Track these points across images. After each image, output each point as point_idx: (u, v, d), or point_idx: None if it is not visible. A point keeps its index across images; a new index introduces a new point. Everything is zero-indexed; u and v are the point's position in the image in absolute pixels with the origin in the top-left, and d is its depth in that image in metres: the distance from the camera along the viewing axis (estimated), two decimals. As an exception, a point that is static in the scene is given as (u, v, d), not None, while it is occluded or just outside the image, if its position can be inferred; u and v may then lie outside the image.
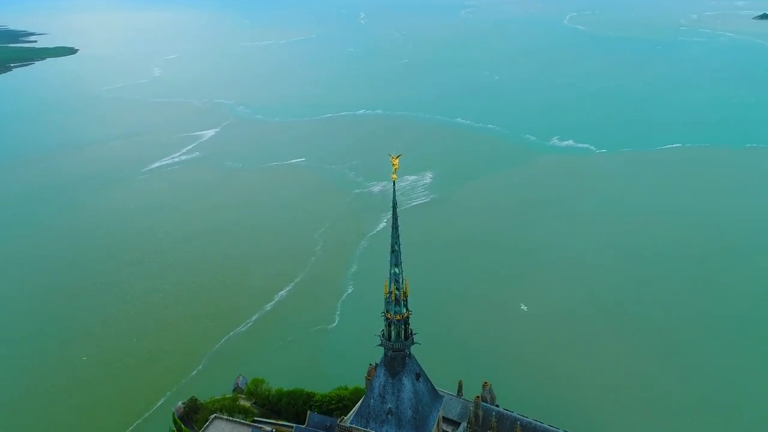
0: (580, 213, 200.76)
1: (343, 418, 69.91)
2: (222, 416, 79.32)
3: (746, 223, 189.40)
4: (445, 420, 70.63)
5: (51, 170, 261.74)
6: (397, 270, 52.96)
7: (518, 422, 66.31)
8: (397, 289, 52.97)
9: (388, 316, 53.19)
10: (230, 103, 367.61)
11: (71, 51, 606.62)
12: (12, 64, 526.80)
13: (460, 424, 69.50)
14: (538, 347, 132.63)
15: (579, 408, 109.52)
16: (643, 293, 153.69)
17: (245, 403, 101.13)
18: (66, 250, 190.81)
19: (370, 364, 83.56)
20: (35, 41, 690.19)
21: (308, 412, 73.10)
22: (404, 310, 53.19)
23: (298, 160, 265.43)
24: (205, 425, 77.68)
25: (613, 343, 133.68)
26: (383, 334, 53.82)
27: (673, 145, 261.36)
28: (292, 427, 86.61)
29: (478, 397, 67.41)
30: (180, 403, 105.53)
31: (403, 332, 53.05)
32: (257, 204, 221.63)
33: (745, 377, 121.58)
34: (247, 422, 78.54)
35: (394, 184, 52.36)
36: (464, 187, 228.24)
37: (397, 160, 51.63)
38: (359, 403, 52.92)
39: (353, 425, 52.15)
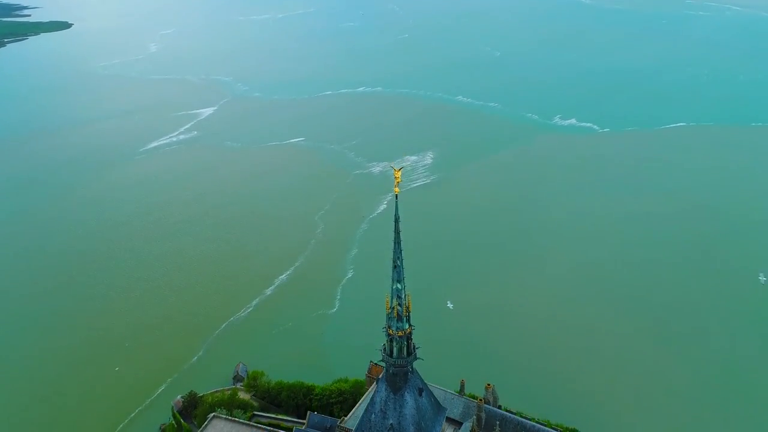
0: (582, 196, 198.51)
1: (344, 419, 69.34)
2: (221, 416, 78.75)
3: (751, 204, 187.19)
4: (448, 419, 69.93)
5: (45, 150, 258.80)
6: (399, 286, 51.11)
7: (520, 425, 65.66)
8: (399, 305, 51.29)
9: (390, 332, 51.61)
10: (228, 80, 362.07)
11: (65, 25, 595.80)
12: (6, 40, 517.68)
13: (462, 423, 68.82)
14: (540, 336, 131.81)
15: (584, 403, 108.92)
16: (648, 279, 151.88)
17: (245, 396, 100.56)
18: (61, 234, 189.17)
19: (371, 361, 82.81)
20: (28, 15, 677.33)
21: (308, 412, 72.30)
22: (407, 326, 51.60)
23: (298, 139, 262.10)
24: (204, 425, 77.08)
25: (617, 331, 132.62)
26: (384, 349, 52.40)
27: (677, 124, 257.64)
28: (291, 421, 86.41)
29: (480, 400, 66.58)
30: (179, 397, 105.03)
31: (405, 348, 51.62)
32: (257, 185, 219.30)
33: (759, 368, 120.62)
34: (245, 421, 77.99)
35: (396, 197, 50.10)
36: (465, 168, 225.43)
37: (399, 173, 49.31)
38: (360, 417, 51.78)
39: (354, 440, 51.28)
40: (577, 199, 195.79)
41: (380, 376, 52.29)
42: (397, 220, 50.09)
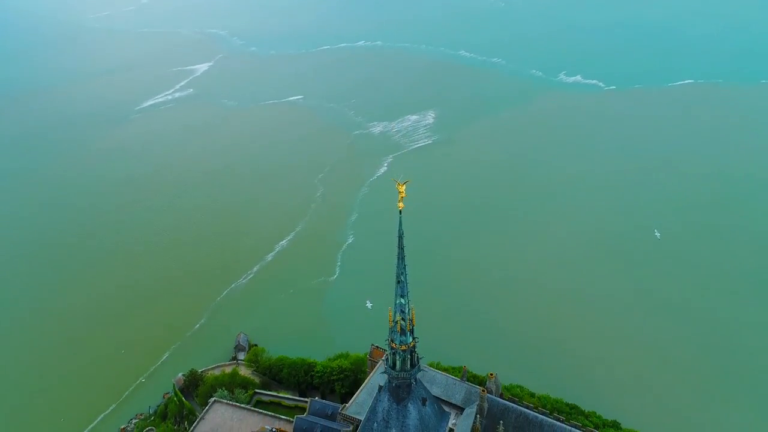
0: (586, 158, 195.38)
1: (345, 406, 69.63)
2: (222, 400, 79.41)
3: (757, 166, 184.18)
4: (450, 404, 70.39)
5: (36, 111, 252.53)
6: (403, 300, 49.80)
7: (522, 415, 66.00)
8: (403, 319, 50.18)
9: (393, 345, 50.73)
10: (223, 34, 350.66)
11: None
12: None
13: (464, 409, 69.25)
14: (541, 305, 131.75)
15: (584, 378, 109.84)
16: (653, 244, 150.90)
17: (246, 372, 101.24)
18: (57, 199, 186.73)
19: (372, 345, 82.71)
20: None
21: (309, 399, 72.70)
22: (410, 340, 50.70)
23: (296, 97, 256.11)
24: (205, 409, 77.80)
25: (620, 301, 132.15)
26: (387, 361, 51.68)
27: (684, 82, 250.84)
28: (292, 399, 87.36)
29: (483, 390, 66.80)
30: (180, 375, 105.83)
31: (408, 361, 50.89)
32: (255, 146, 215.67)
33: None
34: (246, 406, 78.63)
35: (400, 213, 48.04)
36: (467, 128, 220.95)
37: (403, 187, 47.04)
38: (361, 426, 51.54)
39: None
40: (580, 161, 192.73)
41: (382, 386, 51.75)
42: (401, 237, 48.32)
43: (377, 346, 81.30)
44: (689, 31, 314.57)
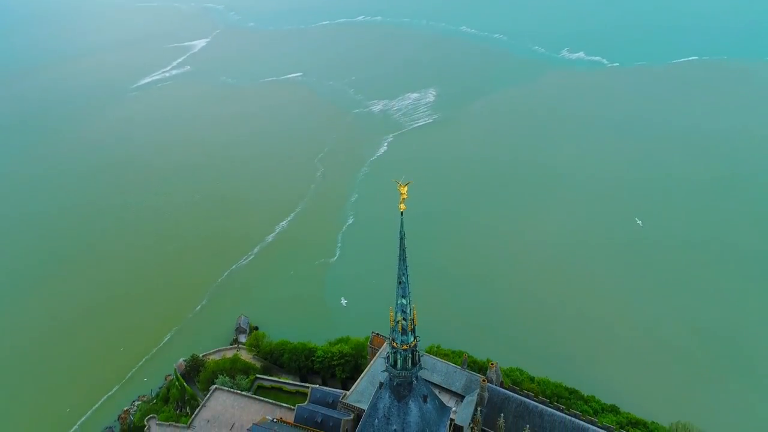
0: (590, 135, 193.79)
1: (346, 394, 69.86)
2: (223, 388, 79.67)
3: (763, 144, 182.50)
4: (450, 392, 70.65)
5: (28, 91, 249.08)
6: (404, 301, 49.35)
7: (522, 405, 66.21)
8: (404, 319, 49.78)
9: (394, 345, 50.44)
10: (220, 8, 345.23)
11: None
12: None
13: (464, 397, 69.51)
14: (542, 290, 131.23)
15: (584, 362, 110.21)
16: (653, 229, 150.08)
17: (246, 356, 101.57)
18: (53, 182, 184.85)
19: (373, 332, 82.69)
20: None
21: (310, 387, 72.93)
22: (411, 339, 50.43)
23: (295, 74, 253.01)
24: (207, 397, 78.19)
25: (621, 286, 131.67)
26: (388, 360, 51.48)
27: (689, 58, 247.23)
28: (293, 385, 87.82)
29: (484, 380, 66.88)
30: (181, 360, 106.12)
31: (410, 360, 50.70)
32: (255, 125, 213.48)
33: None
34: (247, 393, 79.04)
35: (402, 215, 47.21)
36: (469, 107, 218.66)
37: (405, 189, 46.07)
38: (363, 421, 51.58)
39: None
40: (581, 142, 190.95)
41: (383, 382, 51.65)
42: (402, 238, 47.59)
43: (377, 334, 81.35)
44: (695, 7, 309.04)
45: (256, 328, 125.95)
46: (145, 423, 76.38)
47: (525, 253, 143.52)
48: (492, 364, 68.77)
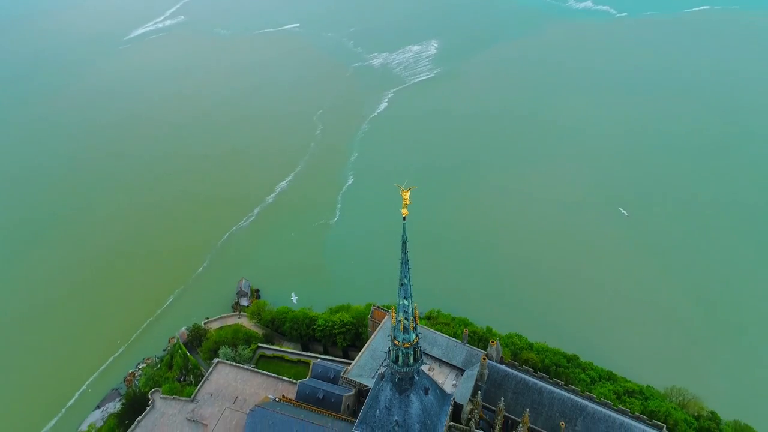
0: (596, 89, 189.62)
1: (347, 369, 70.65)
2: (225, 361, 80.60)
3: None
4: (450, 366, 71.58)
5: (13, 45, 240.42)
6: (406, 302, 48.83)
7: (522, 381, 67.03)
8: (406, 318, 49.37)
9: (396, 342, 50.25)
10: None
11: None
12: None
13: (464, 371, 70.43)
14: (542, 253, 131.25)
15: (583, 328, 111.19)
16: (657, 192, 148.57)
17: (248, 324, 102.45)
18: (48, 142, 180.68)
19: (374, 305, 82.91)
20: None
21: (311, 362, 73.71)
22: (413, 337, 50.18)
23: (292, 25, 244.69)
24: (209, 370, 79.21)
25: (623, 249, 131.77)
26: (390, 355, 51.41)
27: (701, 8, 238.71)
28: (295, 354, 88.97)
29: (484, 357, 67.39)
30: (184, 329, 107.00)
31: (411, 356, 50.69)
32: (252, 80, 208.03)
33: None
34: (249, 367, 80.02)
35: (404, 219, 45.84)
36: (471, 60, 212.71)
37: (407, 194, 44.52)
38: (364, 412, 52.10)
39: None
40: (587, 98, 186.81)
41: (384, 375, 51.94)
42: (405, 242, 46.56)
43: (378, 307, 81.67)
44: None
45: (257, 291, 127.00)
46: (150, 397, 77.77)
47: (526, 215, 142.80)
48: (492, 341, 69.34)
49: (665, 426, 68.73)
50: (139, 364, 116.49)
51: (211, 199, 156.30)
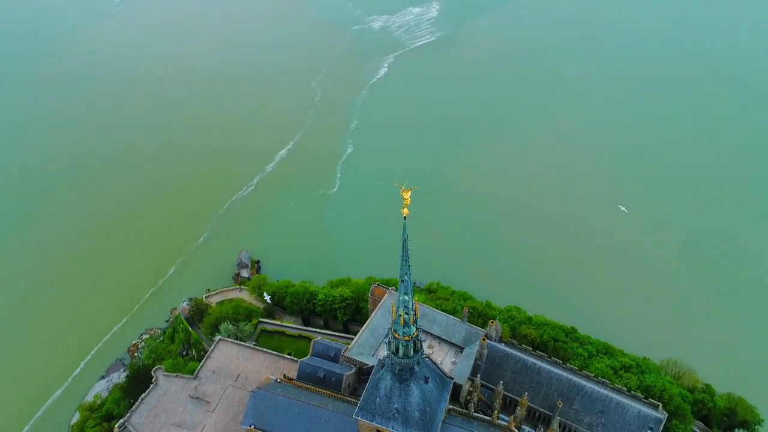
0: (596, 59, 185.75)
1: (348, 348, 71.30)
2: (227, 339, 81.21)
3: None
4: (450, 344, 72.26)
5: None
6: (406, 297, 48.58)
7: (521, 362, 67.77)
8: (406, 313, 49.26)
9: (396, 336, 50.33)
10: None
11: None
12: None
13: (463, 348, 71.18)
14: (540, 224, 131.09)
15: (581, 301, 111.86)
16: (659, 163, 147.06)
17: (249, 298, 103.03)
18: (44, 112, 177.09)
19: (374, 283, 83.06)
20: None
21: (312, 341, 74.29)
22: (413, 330, 50.24)
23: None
24: (211, 348, 79.91)
25: (617, 227, 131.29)
26: (390, 347, 51.55)
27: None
28: (296, 329, 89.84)
29: (484, 338, 67.94)
30: (184, 303, 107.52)
31: (411, 348, 50.96)
32: (249, 43, 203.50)
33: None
34: (251, 345, 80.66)
35: (405, 219, 44.96)
36: (473, 23, 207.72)
37: (408, 194, 43.50)
38: (365, 398, 52.60)
39: (357, 418, 52.64)
40: (589, 63, 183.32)
41: (384, 363, 52.35)
42: (405, 241, 45.93)
43: (378, 284, 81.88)
44: None
45: (258, 262, 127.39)
46: (153, 374, 78.81)
47: (526, 186, 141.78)
48: (492, 321, 69.86)
49: (660, 405, 69.83)
50: (142, 334, 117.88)
51: (210, 169, 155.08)
